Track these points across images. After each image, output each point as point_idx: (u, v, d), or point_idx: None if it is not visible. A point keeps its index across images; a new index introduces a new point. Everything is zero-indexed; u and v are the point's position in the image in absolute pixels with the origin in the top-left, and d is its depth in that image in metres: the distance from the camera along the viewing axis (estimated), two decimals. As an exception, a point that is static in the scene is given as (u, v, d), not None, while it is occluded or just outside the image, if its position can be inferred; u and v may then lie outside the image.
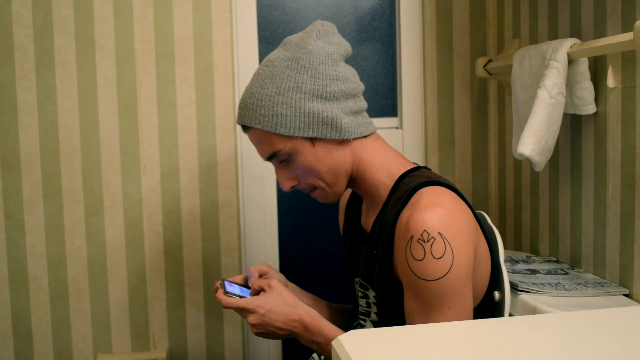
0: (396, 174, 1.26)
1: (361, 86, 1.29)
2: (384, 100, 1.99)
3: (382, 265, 1.20)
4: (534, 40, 1.74)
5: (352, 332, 0.86)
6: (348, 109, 1.24)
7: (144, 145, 1.84)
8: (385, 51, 1.98)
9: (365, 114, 1.30)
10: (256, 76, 1.26)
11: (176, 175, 1.86)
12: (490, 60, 1.84)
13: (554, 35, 1.63)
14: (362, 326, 1.33)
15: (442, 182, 1.20)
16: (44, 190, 1.80)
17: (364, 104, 1.29)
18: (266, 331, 1.23)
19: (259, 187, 1.91)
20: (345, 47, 1.29)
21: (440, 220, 1.11)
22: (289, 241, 1.99)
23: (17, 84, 1.77)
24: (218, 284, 1.30)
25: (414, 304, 1.13)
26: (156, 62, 1.83)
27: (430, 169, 1.31)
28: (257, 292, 1.29)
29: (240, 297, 1.28)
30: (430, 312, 1.12)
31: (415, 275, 1.11)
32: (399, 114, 1.98)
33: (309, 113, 1.21)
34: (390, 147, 1.32)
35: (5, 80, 1.77)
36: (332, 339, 1.20)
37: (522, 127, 1.56)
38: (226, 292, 1.26)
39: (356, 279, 1.35)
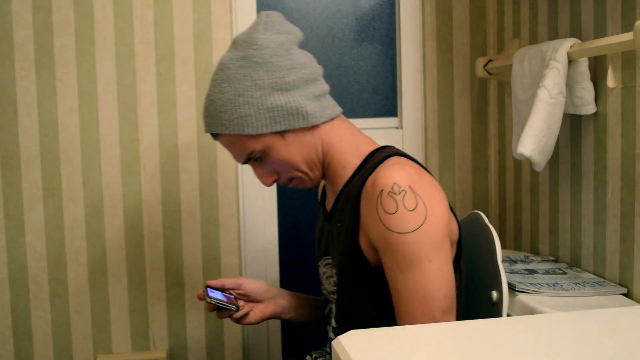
0: (364, 153, 1.26)
1: (319, 69, 1.28)
2: (384, 100, 1.99)
3: (347, 235, 1.19)
4: (534, 40, 1.74)
5: (352, 332, 0.86)
6: (311, 94, 1.23)
7: (144, 145, 1.84)
8: (385, 51, 1.98)
9: (329, 96, 1.29)
10: (213, 82, 1.25)
11: (176, 175, 1.86)
12: (490, 60, 1.84)
13: (554, 35, 1.63)
14: (331, 309, 1.32)
15: (412, 158, 1.21)
16: (44, 190, 1.80)
17: (325, 87, 1.28)
18: None
19: (259, 187, 1.91)
20: (295, 33, 1.27)
21: (409, 176, 1.11)
22: (289, 241, 1.99)
23: (17, 84, 1.77)
24: (201, 291, 1.31)
25: (393, 261, 1.11)
26: (156, 62, 1.83)
27: (398, 150, 1.30)
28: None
29: (222, 301, 1.29)
30: (410, 267, 1.09)
31: (390, 229, 1.09)
32: (399, 114, 1.98)
33: (272, 108, 1.20)
34: (358, 129, 1.31)
35: (5, 80, 1.77)
36: None
37: (522, 127, 1.56)
38: (208, 297, 1.27)
39: (320, 261, 1.35)
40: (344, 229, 1.21)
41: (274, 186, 1.92)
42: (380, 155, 1.21)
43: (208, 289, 1.31)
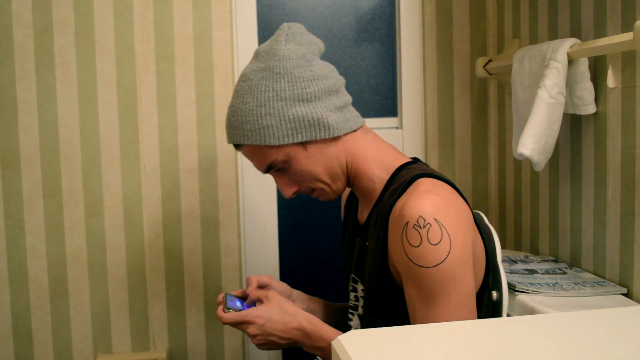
0: (392, 167, 1.25)
1: (341, 80, 1.28)
2: (384, 100, 1.99)
3: (375, 257, 1.19)
4: (534, 40, 1.74)
5: (352, 332, 0.86)
6: (332, 106, 1.23)
7: (144, 145, 1.84)
8: (385, 51, 1.98)
9: (351, 107, 1.29)
10: (236, 93, 1.26)
11: (176, 175, 1.86)
12: (490, 60, 1.84)
13: (554, 35, 1.63)
14: (350, 319, 1.32)
15: (439, 176, 1.19)
16: (44, 190, 1.80)
17: (348, 98, 1.28)
18: (267, 341, 1.23)
19: (259, 187, 1.91)
20: (316, 44, 1.28)
21: (436, 207, 1.10)
22: (289, 241, 1.99)
23: (17, 84, 1.77)
24: (221, 297, 1.30)
25: (414, 293, 1.12)
26: (156, 62, 1.83)
27: (427, 164, 1.30)
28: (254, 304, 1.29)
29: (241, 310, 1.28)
30: (430, 300, 1.10)
31: (413, 262, 1.10)
32: (399, 114, 1.98)
33: (294, 119, 1.20)
34: (382, 140, 1.31)
35: (5, 80, 1.77)
36: None
37: (522, 127, 1.56)
38: (227, 308, 1.26)
39: (351, 275, 1.35)
40: (371, 248, 1.21)
41: (274, 186, 1.92)
42: (408, 173, 1.21)
43: (228, 296, 1.30)
